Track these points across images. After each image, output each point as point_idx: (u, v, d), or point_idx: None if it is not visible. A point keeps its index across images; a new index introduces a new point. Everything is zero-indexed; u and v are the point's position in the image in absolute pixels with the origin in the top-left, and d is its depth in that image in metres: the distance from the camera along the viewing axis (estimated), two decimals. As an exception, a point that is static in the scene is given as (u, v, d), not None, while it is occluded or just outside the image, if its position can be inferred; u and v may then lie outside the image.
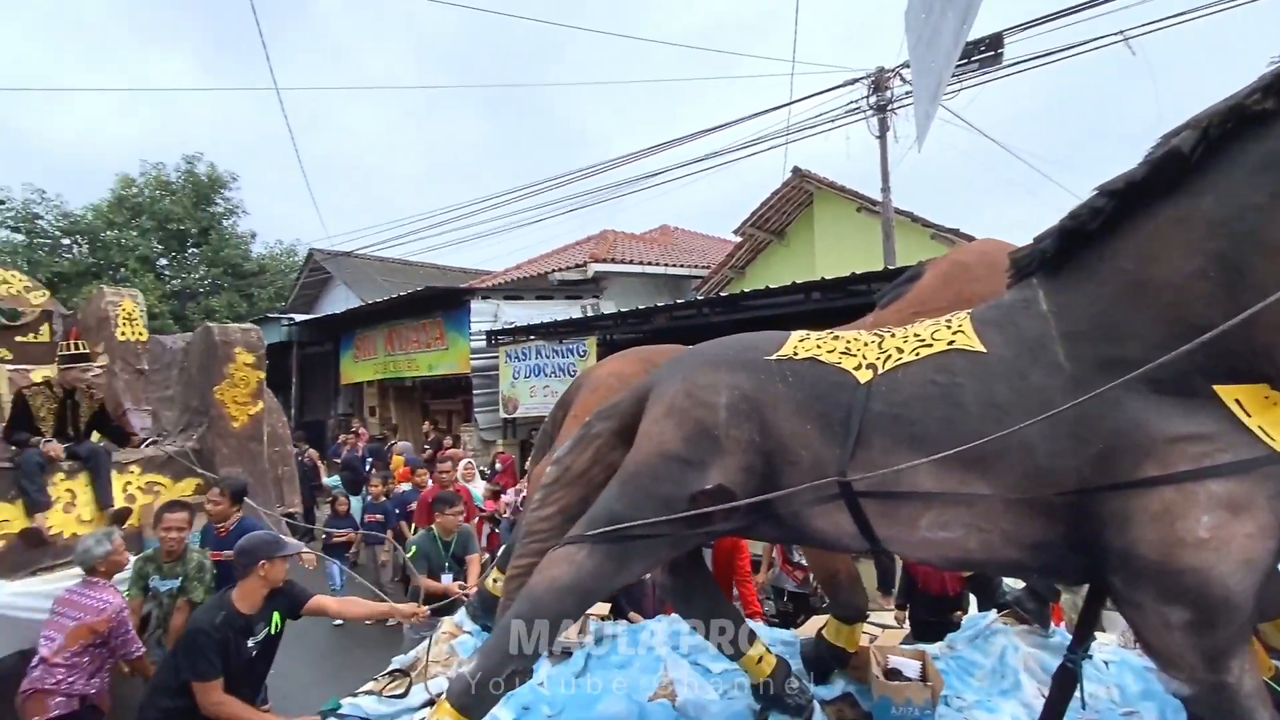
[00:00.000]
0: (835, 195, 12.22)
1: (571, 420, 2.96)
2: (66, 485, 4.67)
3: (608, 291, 13.27)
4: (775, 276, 11.39)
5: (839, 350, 1.95)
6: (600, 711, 2.42)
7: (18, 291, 6.21)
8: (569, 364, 11.02)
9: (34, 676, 3.38)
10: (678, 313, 9.68)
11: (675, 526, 1.87)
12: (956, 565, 2.13)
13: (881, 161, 11.26)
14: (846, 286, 7.68)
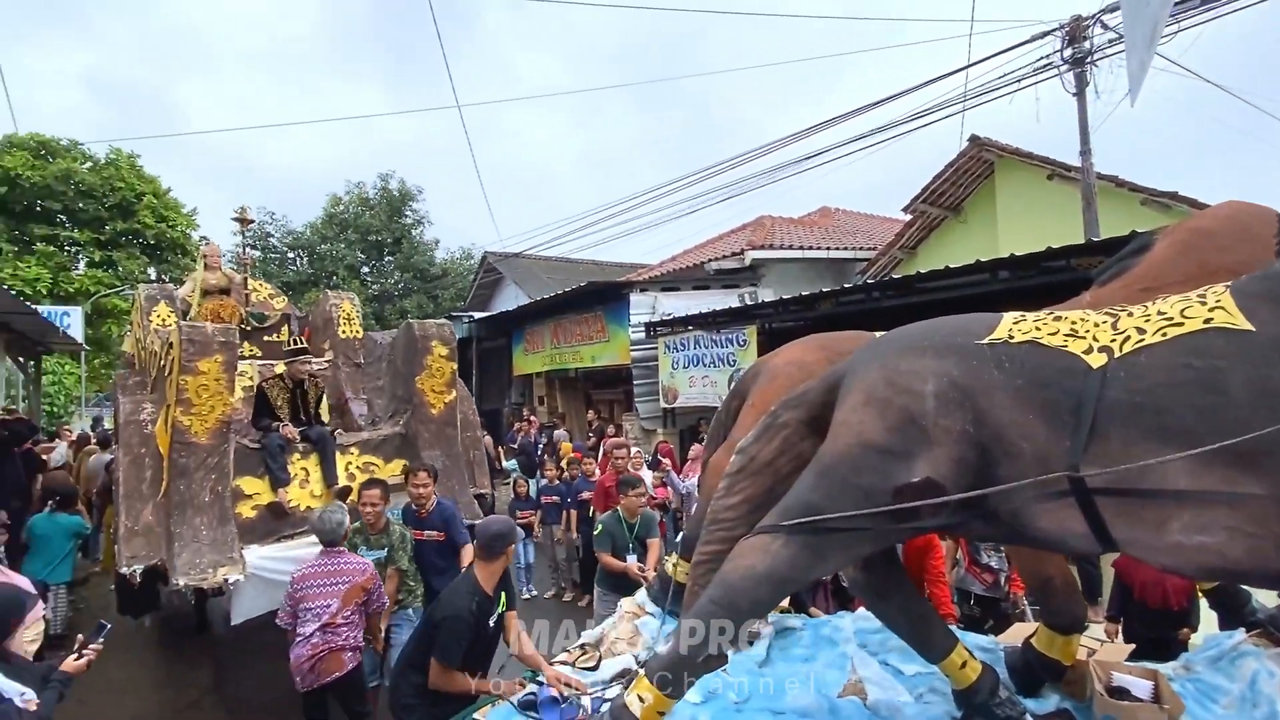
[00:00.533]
0: (1021, 163, 11.06)
1: (750, 409, 2.94)
2: (301, 464, 5.41)
3: (766, 279, 13.04)
4: (951, 256, 10.55)
5: (1063, 332, 1.75)
6: (789, 704, 2.39)
7: (264, 298, 7.36)
8: (728, 354, 10.99)
9: (318, 641, 3.80)
10: (844, 298, 9.19)
11: (877, 520, 1.79)
12: (1215, 575, 1.85)
13: (1080, 121, 10.03)
14: (1041, 263, 6.88)
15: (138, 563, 4.45)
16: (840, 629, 2.97)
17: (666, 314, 12.38)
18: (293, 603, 3.92)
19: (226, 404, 4.85)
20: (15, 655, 2.87)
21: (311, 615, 3.86)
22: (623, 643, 3.02)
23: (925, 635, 2.31)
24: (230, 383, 4.89)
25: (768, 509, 2.21)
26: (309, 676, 3.83)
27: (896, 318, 8.44)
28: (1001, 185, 11.44)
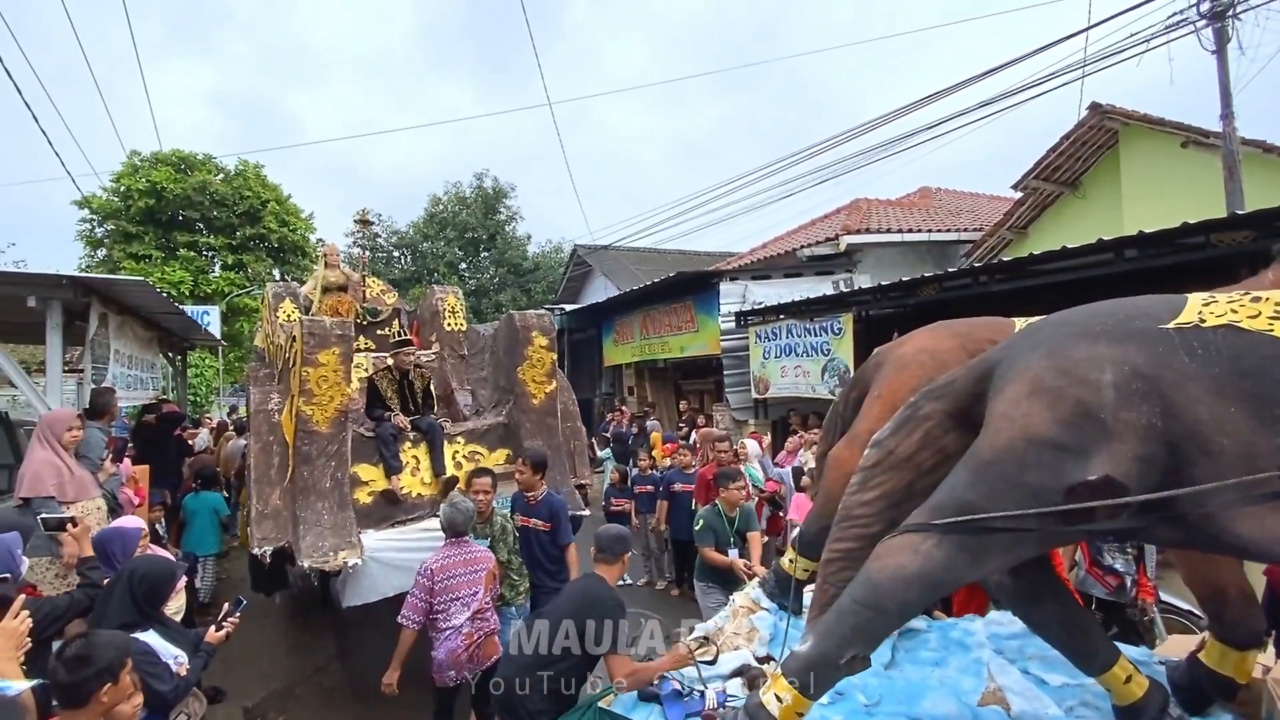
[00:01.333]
0: (1151, 130, 10.10)
1: (876, 400, 2.81)
2: (412, 453, 5.60)
3: (862, 264, 12.56)
4: (1068, 235, 9.77)
5: (1266, 315, 1.57)
6: (926, 709, 2.26)
7: (376, 294, 7.73)
8: (822, 343, 10.68)
9: (470, 629, 3.75)
10: (948, 283, 8.69)
11: (1045, 521, 1.64)
12: None
13: (1220, 81, 9.02)
14: (1175, 240, 6.26)
15: (268, 544, 4.73)
16: (972, 632, 2.80)
17: (757, 303, 12.17)
18: (431, 596, 3.77)
19: (344, 394, 5.09)
20: (171, 620, 3.14)
21: (459, 605, 3.81)
22: (739, 638, 2.96)
23: (1084, 645, 2.12)
24: (347, 374, 5.12)
25: (906, 505, 2.09)
26: (467, 667, 3.77)
27: (1007, 304, 7.95)
28: (1127, 156, 10.50)
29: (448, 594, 3.81)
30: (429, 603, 3.79)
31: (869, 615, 1.81)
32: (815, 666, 1.86)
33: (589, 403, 17.28)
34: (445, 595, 3.81)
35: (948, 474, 1.96)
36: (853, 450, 2.82)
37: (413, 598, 3.82)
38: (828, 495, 2.91)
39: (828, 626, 1.87)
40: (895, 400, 2.68)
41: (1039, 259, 7.68)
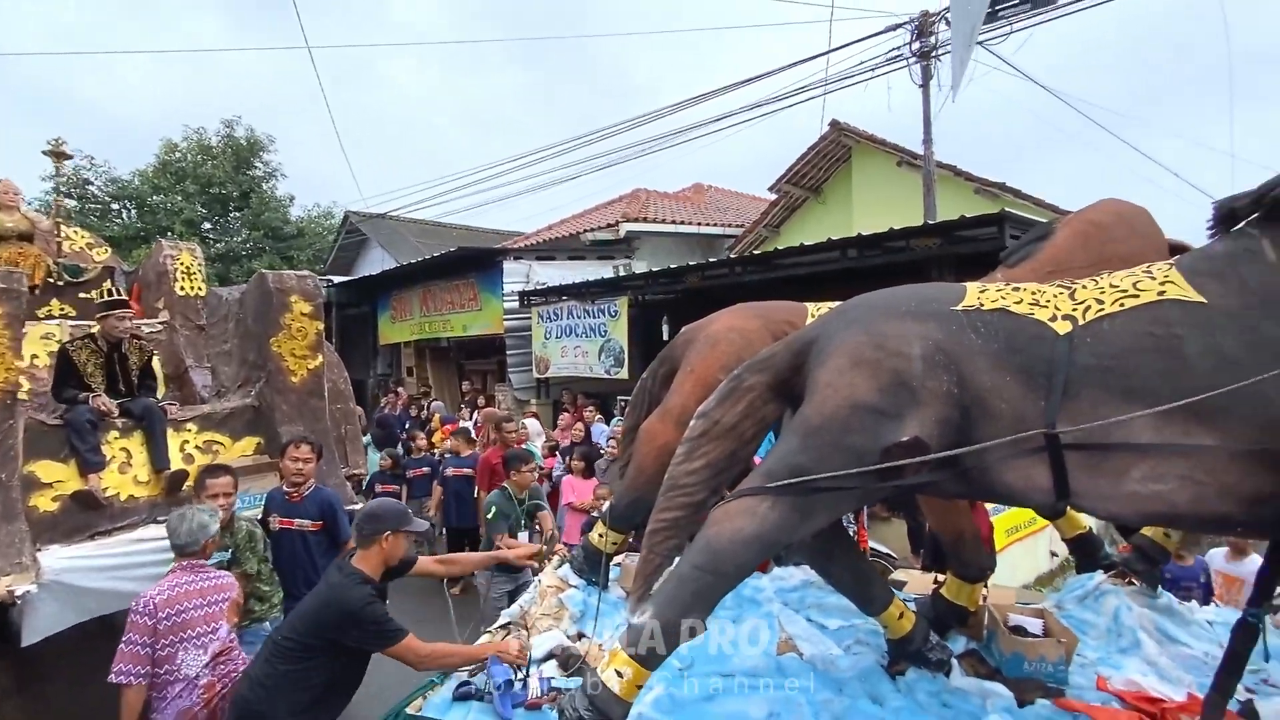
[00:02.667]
0: (875, 149, 11.88)
1: (688, 375, 2.88)
2: (121, 444, 4.45)
3: (640, 251, 13.11)
4: (812, 235, 11.15)
5: (1027, 301, 1.86)
6: (737, 665, 2.39)
7: (81, 248, 6.08)
8: (600, 324, 10.96)
9: (209, 679, 2.96)
10: (710, 272, 9.52)
11: (865, 479, 1.80)
12: (1152, 519, 2.05)
13: (924, 111, 10.83)
14: (884, 243, 7.45)
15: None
16: (761, 589, 3.03)
17: (541, 283, 12.12)
18: (154, 638, 2.86)
19: (10, 369, 3.89)
20: None
21: (194, 648, 2.94)
22: (548, 619, 2.87)
23: (868, 591, 2.40)
24: (15, 342, 3.92)
25: (729, 473, 2.17)
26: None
27: (758, 291, 8.90)
28: (858, 169, 12.25)
29: (177, 635, 2.90)
30: (151, 648, 2.86)
31: (709, 579, 1.85)
32: (655, 637, 1.86)
33: (362, 384, 15.86)
34: (173, 637, 2.89)
35: None
36: (665, 424, 2.87)
37: (129, 645, 2.85)
38: (639, 468, 2.94)
39: (668, 595, 1.88)
40: (707, 375, 2.78)
41: (782, 254, 8.85)
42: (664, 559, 2.16)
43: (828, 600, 3.04)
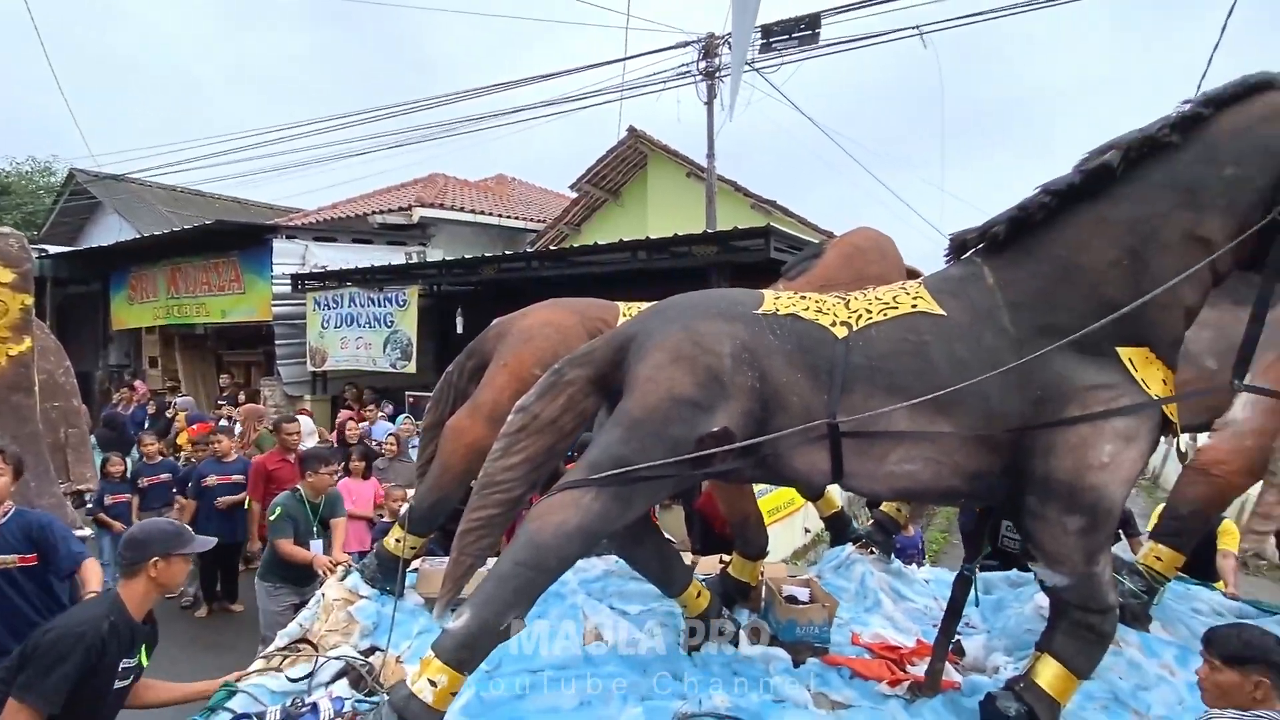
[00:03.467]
0: (667, 159, 12.57)
1: (502, 369, 2.82)
2: None
3: (436, 239, 12.51)
4: (610, 235, 11.51)
5: (812, 309, 2.11)
6: (547, 660, 2.40)
7: None
8: (386, 314, 10.27)
9: None
10: (507, 265, 9.38)
11: (682, 468, 1.92)
12: (902, 495, 2.42)
13: (708, 128, 11.69)
14: (670, 248, 7.86)
15: None
16: (565, 581, 3.06)
17: (319, 266, 11.04)
18: None
19: None
20: None
21: None
22: (336, 635, 2.64)
23: (670, 573, 2.56)
24: None
25: (547, 468, 2.19)
26: None
27: (556, 287, 9.06)
28: (653, 176, 12.88)
29: None
30: None
31: (531, 575, 1.85)
32: (475, 639, 1.82)
33: (88, 376, 13.17)
34: None
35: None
36: (474, 420, 2.80)
37: None
38: (445, 466, 2.83)
39: (487, 594, 1.84)
40: (521, 370, 2.76)
41: (576, 251, 9.09)
42: (477, 559, 2.13)
43: (628, 587, 3.19)
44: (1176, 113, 1.94)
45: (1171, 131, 1.91)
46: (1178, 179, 1.91)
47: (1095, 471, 1.87)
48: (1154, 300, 1.86)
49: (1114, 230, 1.94)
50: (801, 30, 11.09)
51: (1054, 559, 1.99)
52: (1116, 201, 1.95)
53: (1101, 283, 1.94)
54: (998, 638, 2.95)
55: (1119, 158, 1.92)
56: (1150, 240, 1.91)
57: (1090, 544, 1.93)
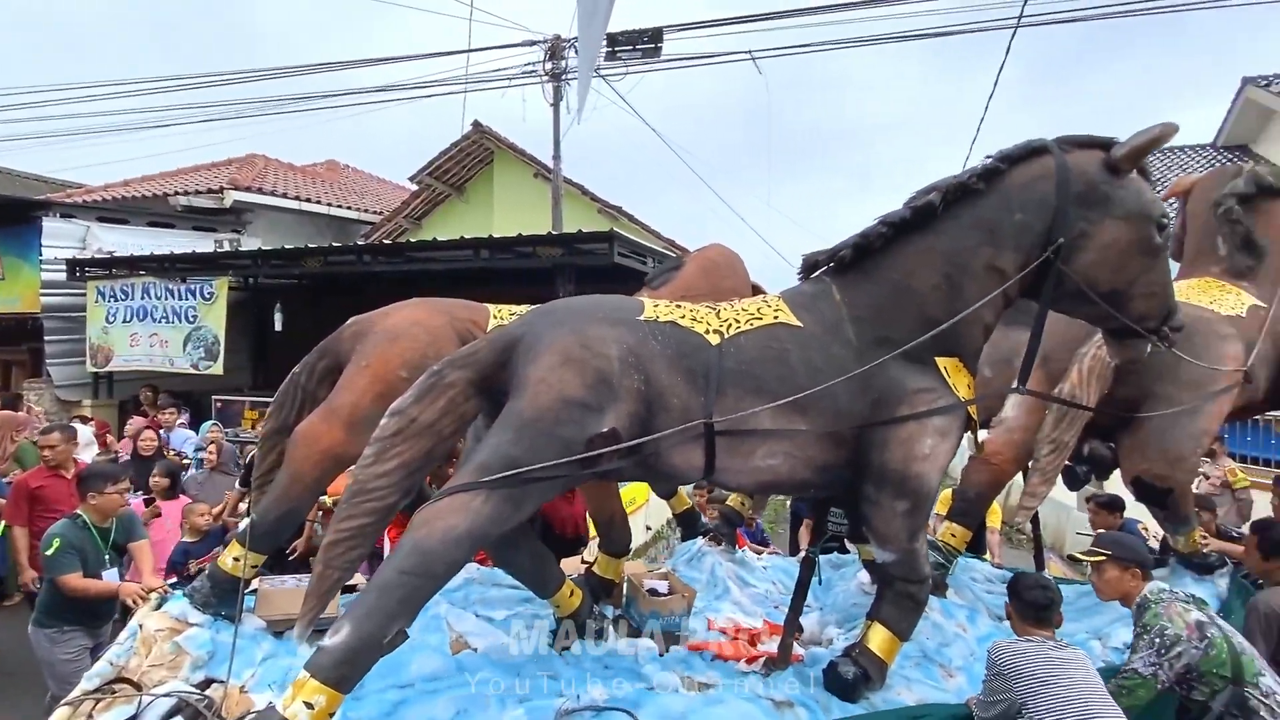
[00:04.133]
0: (514, 157, 12.43)
1: (363, 371, 2.67)
2: None
3: (254, 226, 11.33)
4: (454, 231, 11.13)
5: (688, 317, 2.26)
6: (415, 672, 2.31)
7: None
8: (188, 308, 9.16)
9: None
10: (335, 258, 8.70)
11: (573, 468, 1.96)
12: (764, 488, 2.63)
13: (554, 129, 11.71)
14: (513, 248, 7.75)
15: None
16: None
17: (105, 251, 9.59)
18: None
19: None
20: None
21: None
22: (161, 670, 2.35)
23: (544, 574, 2.58)
24: None
25: (423, 474, 2.13)
26: None
27: (392, 284, 8.64)
28: (499, 174, 12.66)
29: None
30: None
31: (418, 583, 1.80)
32: (356, 654, 1.74)
33: None
34: None
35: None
36: (331, 425, 2.64)
37: None
38: (295, 476, 2.63)
39: (368, 607, 1.77)
40: (386, 371, 2.64)
41: (413, 246, 8.62)
42: (345, 572, 2.03)
43: (490, 594, 3.17)
44: (982, 165, 2.34)
45: (978, 180, 2.30)
46: (982, 220, 2.30)
47: (919, 461, 2.21)
48: (963, 318, 2.25)
49: (935, 259, 2.30)
50: (645, 43, 11.50)
51: (884, 538, 2.31)
52: (937, 235, 2.31)
53: (925, 302, 2.29)
54: (830, 613, 3.34)
55: (940, 198, 2.28)
56: (962, 269, 2.30)
57: (913, 524, 2.28)
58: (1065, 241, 2.27)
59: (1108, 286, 2.34)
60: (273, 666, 2.47)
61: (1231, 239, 3.60)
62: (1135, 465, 3.23)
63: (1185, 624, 2.28)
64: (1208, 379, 3.08)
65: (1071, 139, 2.37)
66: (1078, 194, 2.27)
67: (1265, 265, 3.58)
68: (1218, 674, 2.23)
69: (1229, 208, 3.58)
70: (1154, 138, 2.25)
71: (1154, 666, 2.27)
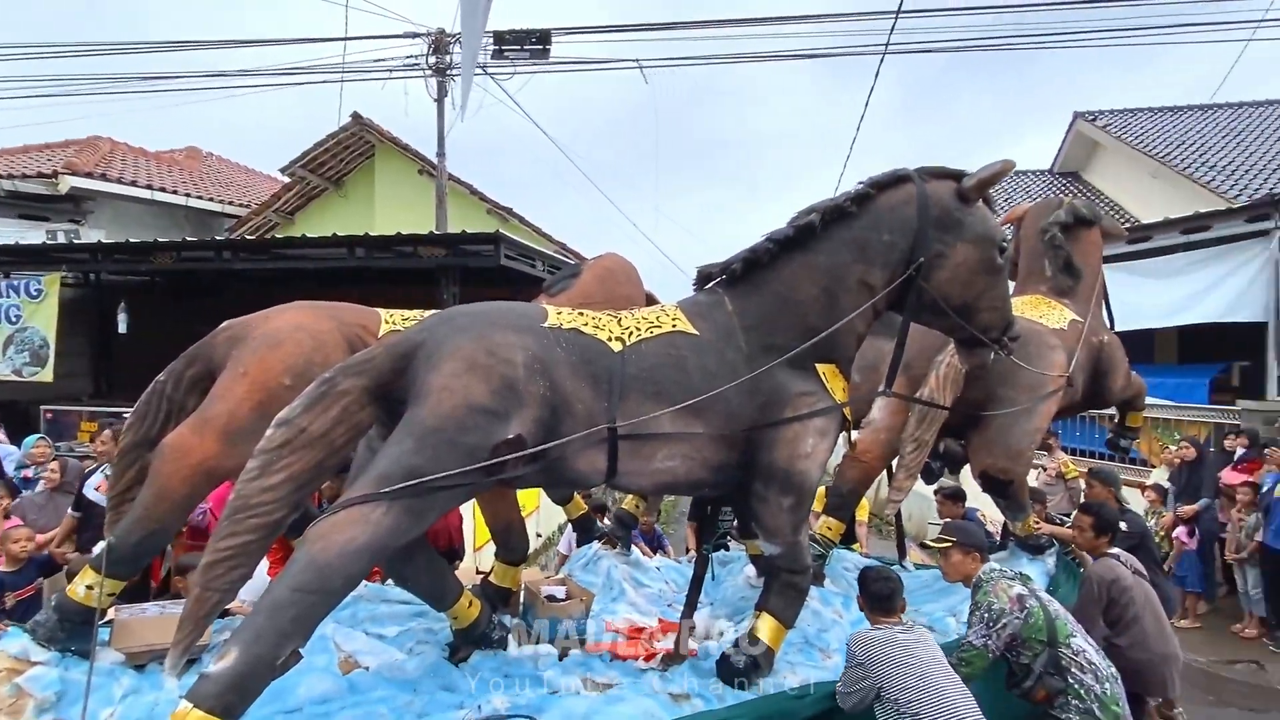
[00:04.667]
0: (398, 152, 11.95)
1: (241, 379, 2.50)
2: None
3: (96, 216, 10.17)
4: (332, 227, 10.54)
5: (590, 325, 2.31)
6: (303, 696, 2.19)
7: None
8: (10, 306, 8.09)
9: None
10: (190, 253, 7.84)
11: (477, 476, 1.94)
12: (662, 489, 2.72)
13: (438, 126, 11.36)
14: (393, 247, 7.27)
15: None
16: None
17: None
18: None
19: None
20: None
21: None
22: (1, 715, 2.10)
23: (442, 586, 2.52)
24: None
25: (312, 487, 2.05)
26: None
27: (257, 283, 7.96)
28: (381, 169, 12.11)
29: None
30: None
31: (313, 600, 1.74)
32: (244, 680, 1.65)
33: None
34: None
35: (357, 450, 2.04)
36: (204, 437, 2.47)
37: None
38: (162, 493, 2.43)
39: (258, 629, 1.68)
40: (267, 379, 2.50)
41: (280, 243, 7.88)
42: (225, 594, 1.92)
43: (379, 610, 3.08)
44: (855, 190, 2.57)
45: (851, 204, 2.53)
46: (855, 239, 2.53)
47: (803, 460, 2.40)
48: (840, 328, 2.46)
49: (815, 274, 2.51)
50: (533, 43, 11.40)
51: (771, 532, 2.48)
52: (817, 252, 2.51)
53: (807, 313, 2.49)
54: (720, 608, 3.50)
55: (820, 219, 2.49)
56: (838, 283, 2.51)
57: (797, 518, 2.46)
58: (925, 260, 2.54)
59: (959, 301, 2.64)
60: (135, 704, 2.28)
61: (1055, 262, 4.15)
62: (982, 460, 3.64)
63: (1009, 598, 2.61)
64: (1039, 383, 3.54)
65: (929, 169, 2.65)
66: (935, 219, 2.55)
67: (1081, 285, 4.16)
68: (1036, 639, 2.57)
69: (1053, 235, 4.12)
70: (996, 172, 2.58)
71: (985, 638, 2.58)
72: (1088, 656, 2.57)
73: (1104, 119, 13.59)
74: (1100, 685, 2.50)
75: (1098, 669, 2.55)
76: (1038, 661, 2.55)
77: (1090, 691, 2.48)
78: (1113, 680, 2.56)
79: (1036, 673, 2.54)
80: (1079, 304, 4.09)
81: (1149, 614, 3.16)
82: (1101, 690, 2.49)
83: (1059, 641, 2.57)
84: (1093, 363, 4.07)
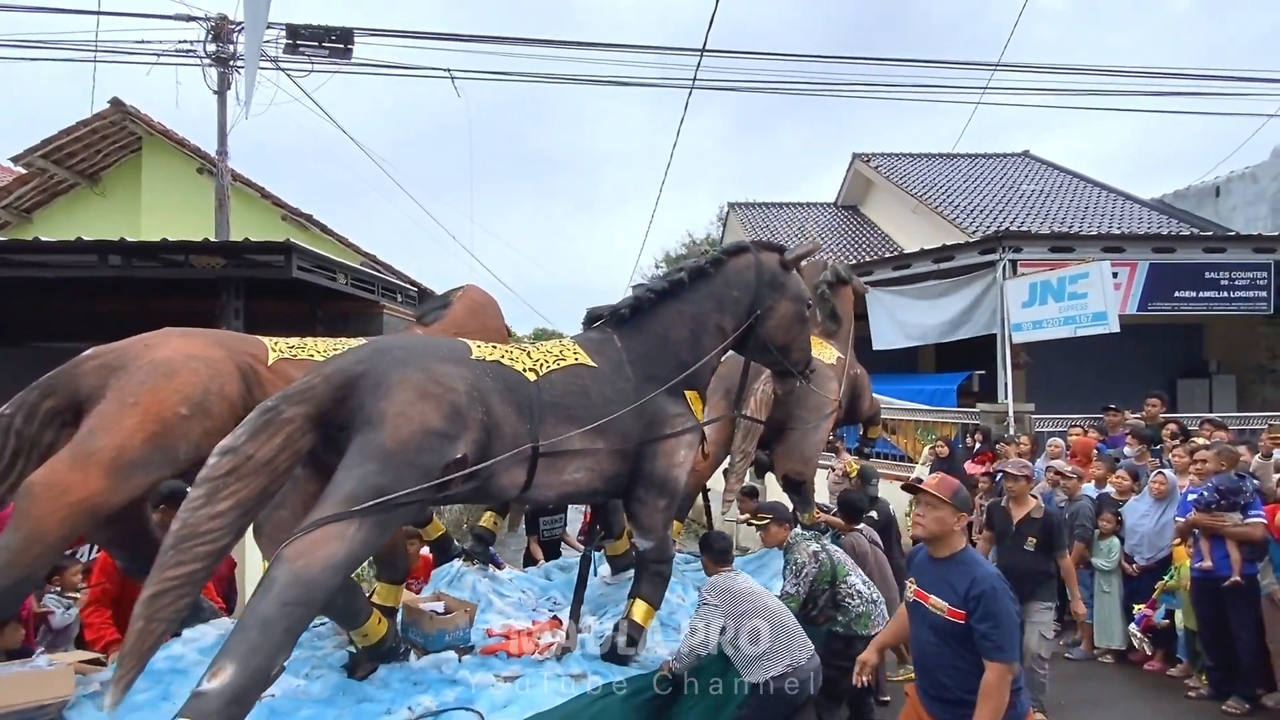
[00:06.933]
0: (171, 147, 10.66)
1: (131, 409, 2.43)
2: None
3: None
4: (86, 229, 8.97)
5: (507, 358, 2.66)
6: None
7: None
8: None
9: None
10: None
11: (432, 492, 2.19)
12: (566, 499, 3.11)
13: (219, 120, 10.29)
14: (160, 254, 6.21)
15: None
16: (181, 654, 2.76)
17: None
18: None
19: None
20: None
21: None
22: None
23: (354, 605, 2.67)
24: None
25: (256, 513, 2.15)
26: None
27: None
28: (150, 166, 10.72)
29: None
30: None
31: (301, 612, 1.89)
32: (245, 692, 1.76)
33: None
34: None
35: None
36: (88, 473, 2.37)
37: None
38: (34, 535, 2.28)
39: (252, 645, 1.79)
40: (161, 409, 2.48)
41: (7, 247, 6.34)
42: (170, 624, 1.97)
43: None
44: (712, 255, 3.29)
45: (711, 266, 3.23)
46: (713, 293, 3.22)
47: (676, 468, 3.01)
48: (704, 363, 3.13)
49: (685, 319, 3.15)
50: (333, 41, 10.86)
51: (646, 529, 3.04)
52: (687, 302, 3.16)
53: (679, 351, 3.11)
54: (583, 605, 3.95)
55: (688, 276, 3.16)
56: (701, 327, 3.18)
57: (668, 516, 3.06)
58: (760, 313, 3.31)
59: (781, 343, 3.46)
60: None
61: (823, 310, 5.42)
62: (784, 466, 4.62)
63: (808, 554, 3.61)
64: (823, 405, 4.59)
65: (761, 243, 3.46)
66: (767, 280, 3.34)
67: (841, 329, 5.50)
68: (825, 581, 3.60)
69: (823, 290, 5.37)
70: (807, 250, 3.51)
71: (796, 586, 3.53)
72: (856, 588, 3.63)
73: (876, 160, 16.11)
74: (862, 606, 3.59)
75: (863, 595, 3.63)
76: (823, 598, 3.56)
77: (853, 610, 3.58)
78: (873, 604, 3.63)
79: (821, 605, 3.57)
80: (840, 344, 5.39)
81: (877, 570, 4.34)
82: (863, 610, 3.59)
83: (838, 580, 3.61)
84: (851, 389, 5.33)
